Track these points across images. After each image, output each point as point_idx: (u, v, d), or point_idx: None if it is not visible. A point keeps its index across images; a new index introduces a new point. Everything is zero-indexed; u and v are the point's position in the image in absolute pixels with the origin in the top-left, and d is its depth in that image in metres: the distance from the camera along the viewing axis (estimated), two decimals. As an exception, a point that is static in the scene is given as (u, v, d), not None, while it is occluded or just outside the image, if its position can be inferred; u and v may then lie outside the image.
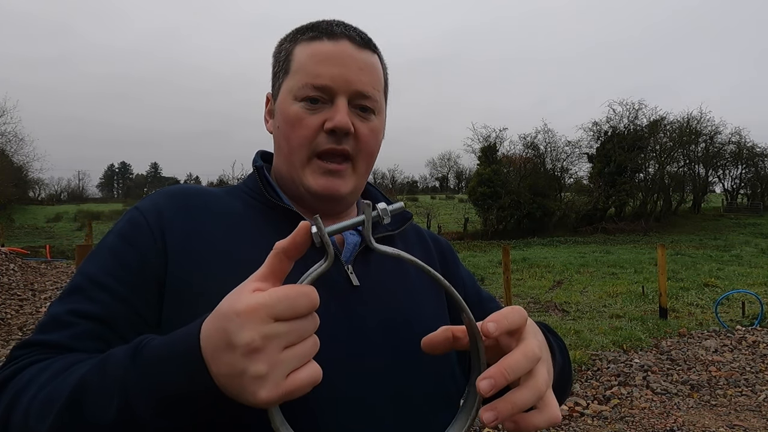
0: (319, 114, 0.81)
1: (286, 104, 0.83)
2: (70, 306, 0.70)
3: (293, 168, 0.83)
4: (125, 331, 0.69)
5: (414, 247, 0.94)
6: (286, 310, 0.51)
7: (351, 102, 0.82)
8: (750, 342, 6.44)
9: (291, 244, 0.54)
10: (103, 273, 0.72)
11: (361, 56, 0.83)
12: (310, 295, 0.53)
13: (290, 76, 0.83)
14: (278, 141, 0.86)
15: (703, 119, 33.23)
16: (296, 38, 0.86)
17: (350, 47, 0.82)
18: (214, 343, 0.52)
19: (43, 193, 68.37)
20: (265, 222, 0.82)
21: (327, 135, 0.80)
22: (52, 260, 16.34)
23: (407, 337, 0.78)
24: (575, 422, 4.38)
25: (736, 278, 11.92)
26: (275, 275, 0.54)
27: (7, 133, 37.48)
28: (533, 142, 34.15)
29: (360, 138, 0.82)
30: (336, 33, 0.83)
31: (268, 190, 0.84)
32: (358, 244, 0.84)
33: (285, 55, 0.86)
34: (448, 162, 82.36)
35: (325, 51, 0.81)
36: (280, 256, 0.54)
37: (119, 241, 0.75)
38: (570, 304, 9.62)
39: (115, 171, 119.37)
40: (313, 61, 0.81)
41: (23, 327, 7.53)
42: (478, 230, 31.11)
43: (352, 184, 0.85)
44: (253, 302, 0.51)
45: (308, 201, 0.85)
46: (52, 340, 0.67)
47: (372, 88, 0.83)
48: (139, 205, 0.80)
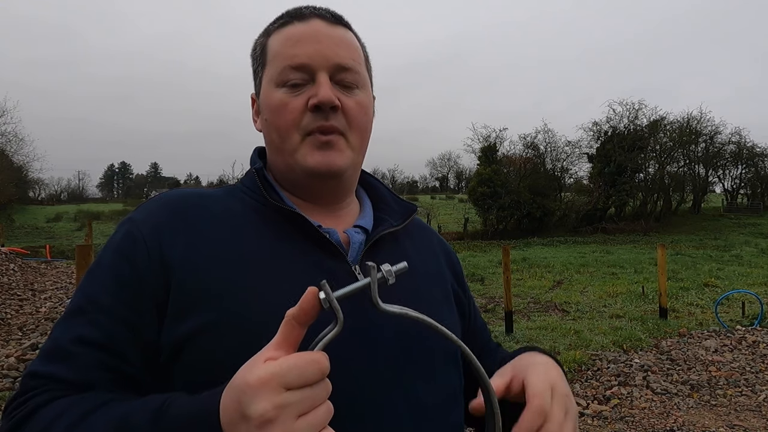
0: (303, 95, 0.79)
1: (268, 93, 0.82)
2: (73, 332, 0.70)
3: (286, 154, 0.81)
4: (128, 352, 0.69)
5: (418, 243, 0.93)
6: (296, 378, 0.52)
7: (333, 78, 0.80)
8: (750, 342, 6.44)
9: (300, 311, 0.55)
10: (102, 293, 0.71)
11: (335, 32, 0.82)
12: (320, 362, 0.54)
13: (268, 66, 0.82)
14: (268, 133, 0.84)
15: (703, 119, 33.19)
16: (268, 31, 0.85)
17: (322, 24, 0.81)
18: (229, 415, 0.54)
19: (43, 193, 68.46)
20: (266, 222, 0.80)
21: (313, 114, 0.79)
22: (52, 260, 16.34)
23: (417, 335, 0.78)
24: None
25: (736, 278, 11.92)
26: (288, 343, 0.55)
27: (7, 133, 37.41)
28: (533, 142, 34.11)
29: (347, 112, 0.81)
30: (305, 14, 0.82)
31: (269, 192, 0.82)
32: (364, 243, 0.83)
33: (260, 50, 0.85)
34: (448, 162, 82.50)
35: (297, 33, 0.80)
36: (291, 323, 0.55)
37: (117, 258, 0.74)
38: (570, 304, 9.61)
39: (115, 171, 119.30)
40: (288, 45, 0.80)
41: (23, 327, 7.53)
42: (478, 230, 31.09)
43: (349, 157, 0.82)
44: (264, 373, 0.52)
45: (308, 188, 0.84)
46: (60, 374, 0.67)
47: (352, 60, 0.82)
48: (134, 217, 0.78)
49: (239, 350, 0.67)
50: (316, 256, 0.78)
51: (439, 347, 0.80)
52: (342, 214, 0.88)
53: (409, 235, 0.92)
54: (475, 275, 13.08)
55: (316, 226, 0.79)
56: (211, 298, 0.70)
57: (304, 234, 0.79)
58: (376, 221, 0.89)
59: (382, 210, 0.92)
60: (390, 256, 0.84)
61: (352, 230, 0.85)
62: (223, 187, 0.89)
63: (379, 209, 0.92)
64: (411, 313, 0.61)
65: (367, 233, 0.85)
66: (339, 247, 0.79)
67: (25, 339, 6.86)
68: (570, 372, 5.53)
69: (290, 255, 0.77)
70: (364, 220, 0.88)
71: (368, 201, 0.94)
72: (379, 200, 0.94)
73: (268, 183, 0.85)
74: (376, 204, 0.94)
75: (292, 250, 0.77)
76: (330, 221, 0.85)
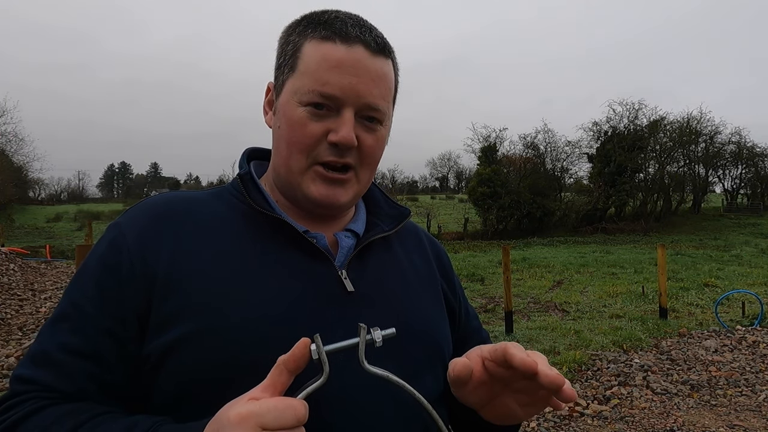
0: (324, 122, 0.77)
1: (289, 106, 0.78)
2: (58, 338, 0.71)
3: (291, 173, 0.80)
4: (111, 362, 0.71)
5: (409, 247, 0.93)
6: (273, 420, 0.55)
7: (358, 113, 0.78)
8: (750, 342, 6.44)
9: (291, 358, 0.58)
10: (87, 302, 0.72)
11: (374, 65, 0.77)
12: (297, 408, 0.57)
13: (296, 75, 0.78)
14: (278, 141, 0.82)
15: (703, 119, 33.19)
16: (306, 32, 0.79)
17: (364, 54, 0.76)
18: None
19: (43, 193, 68.46)
20: (252, 226, 0.79)
21: (329, 146, 0.77)
22: (52, 260, 16.33)
23: (407, 341, 0.77)
24: (575, 422, 4.38)
25: (736, 278, 11.91)
26: (275, 387, 0.58)
27: (7, 133, 37.47)
28: (533, 142, 34.11)
29: (364, 150, 0.79)
30: (351, 36, 0.76)
31: (256, 198, 0.81)
32: (353, 247, 0.83)
33: (292, 50, 0.79)
34: (448, 162, 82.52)
35: (337, 57, 0.75)
36: (280, 368, 0.58)
37: (101, 269, 0.74)
38: (570, 304, 9.61)
39: (115, 171, 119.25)
40: (323, 67, 0.75)
41: (23, 327, 7.53)
42: (478, 230, 31.08)
43: (353, 193, 0.82)
44: (244, 410, 0.55)
45: (304, 205, 0.83)
46: (46, 381, 0.70)
47: (382, 100, 0.79)
48: (120, 222, 0.78)
49: (221, 359, 0.68)
50: (302, 262, 0.77)
51: (424, 356, 0.81)
52: (334, 219, 0.87)
53: (400, 239, 0.92)
54: (475, 275, 13.07)
55: (302, 232, 0.79)
56: (193, 308, 0.70)
57: (290, 239, 0.78)
58: (368, 225, 0.88)
59: (375, 214, 0.91)
60: (379, 261, 0.85)
61: (341, 234, 0.85)
62: (211, 189, 0.88)
63: (372, 212, 0.92)
64: (393, 377, 0.65)
65: (358, 237, 0.85)
66: (326, 252, 0.79)
67: (25, 339, 6.87)
68: (570, 372, 5.53)
69: (275, 261, 0.77)
70: (356, 224, 0.88)
71: (362, 204, 0.94)
72: (373, 203, 0.94)
73: (256, 188, 0.84)
74: (370, 207, 0.93)
75: (277, 255, 0.77)
76: (320, 225, 0.85)
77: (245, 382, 0.61)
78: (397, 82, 0.85)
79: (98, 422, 0.65)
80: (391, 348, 0.72)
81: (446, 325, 0.89)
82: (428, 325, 0.85)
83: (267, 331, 0.70)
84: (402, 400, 0.73)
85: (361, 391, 0.72)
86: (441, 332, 0.87)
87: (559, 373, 0.65)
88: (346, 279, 0.78)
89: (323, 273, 0.78)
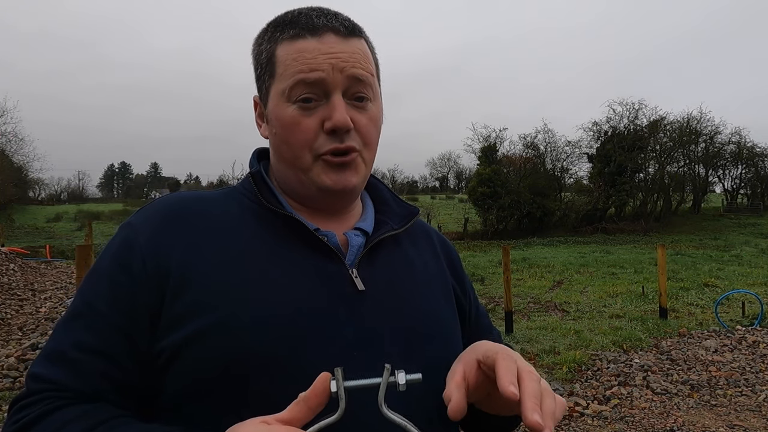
0: (316, 114, 0.78)
1: (279, 108, 0.79)
2: (72, 336, 0.72)
3: (299, 171, 0.80)
4: (124, 361, 0.71)
5: (419, 246, 0.93)
6: None
7: (346, 93, 0.79)
8: (750, 342, 6.44)
9: (312, 394, 0.58)
10: (100, 300, 0.73)
11: (348, 46, 0.79)
12: None
13: (277, 79, 0.79)
14: (277, 146, 0.82)
15: (703, 119, 33.22)
16: (275, 37, 0.80)
17: (336, 40, 0.78)
18: None
19: (43, 193, 68.51)
20: (263, 225, 0.80)
21: (327, 135, 0.78)
22: (52, 260, 16.34)
23: (418, 340, 0.78)
24: (575, 422, 4.38)
25: (736, 278, 11.92)
26: (291, 421, 0.58)
27: (7, 133, 37.47)
28: (533, 142, 34.15)
29: (361, 130, 0.80)
30: (318, 27, 0.78)
31: (266, 195, 0.81)
32: (363, 245, 0.83)
33: (267, 57, 0.81)
34: (448, 162, 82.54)
35: (310, 48, 0.77)
36: (300, 404, 0.58)
37: (114, 267, 0.74)
38: (570, 304, 9.62)
39: (115, 171, 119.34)
40: (300, 61, 0.77)
41: (23, 327, 7.53)
42: (478, 230, 31.10)
43: (363, 174, 0.83)
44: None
45: (316, 199, 0.83)
46: (61, 380, 0.70)
47: (366, 73, 0.80)
48: (133, 221, 0.78)
49: (232, 358, 0.68)
50: (313, 260, 0.77)
51: (434, 355, 0.80)
52: (343, 217, 0.87)
53: (410, 238, 0.92)
54: (475, 275, 13.07)
55: (314, 230, 0.79)
56: (205, 307, 0.70)
57: (301, 237, 0.78)
58: (376, 224, 0.88)
59: (383, 212, 0.91)
60: (389, 259, 0.84)
61: (351, 233, 0.85)
62: (222, 188, 0.88)
63: (380, 211, 0.92)
64: (411, 427, 0.62)
65: (367, 236, 0.85)
66: (337, 250, 0.79)
67: (25, 339, 6.87)
68: (570, 372, 5.53)
69: (287, 259, 0.77)
70: (365, 222, 0.88)
71: (370, 202, 0.94)
72: (381, 201, 0.94)
73: (267, 186, 0.84)
74: (378, 205, 0.93)
75: (289, 253, 0.77)
76: (329, 224, 0.85)
77: (256, 381, 0.60)
78: (377, 60, 0.86)
79: (112, 426, 0.65)
80: (402, 349, 0.72)
81: (456, 323, 0.89)
82: (438, 324, 0.84)
83: (278, 329, 0.70)
84: None
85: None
86: (451, 331, 0.87)
87: (540, 420, 0.60)
88: (357, 278, 0.78)
89: (334, 271, 0.77)
